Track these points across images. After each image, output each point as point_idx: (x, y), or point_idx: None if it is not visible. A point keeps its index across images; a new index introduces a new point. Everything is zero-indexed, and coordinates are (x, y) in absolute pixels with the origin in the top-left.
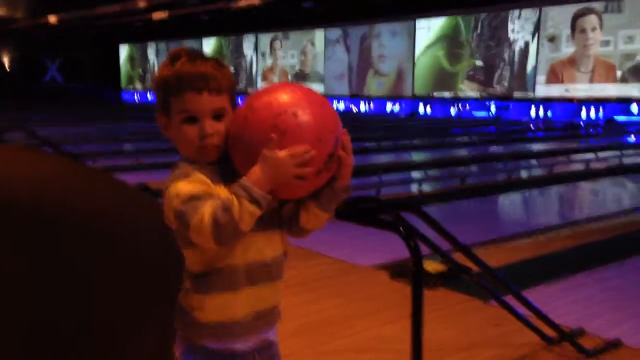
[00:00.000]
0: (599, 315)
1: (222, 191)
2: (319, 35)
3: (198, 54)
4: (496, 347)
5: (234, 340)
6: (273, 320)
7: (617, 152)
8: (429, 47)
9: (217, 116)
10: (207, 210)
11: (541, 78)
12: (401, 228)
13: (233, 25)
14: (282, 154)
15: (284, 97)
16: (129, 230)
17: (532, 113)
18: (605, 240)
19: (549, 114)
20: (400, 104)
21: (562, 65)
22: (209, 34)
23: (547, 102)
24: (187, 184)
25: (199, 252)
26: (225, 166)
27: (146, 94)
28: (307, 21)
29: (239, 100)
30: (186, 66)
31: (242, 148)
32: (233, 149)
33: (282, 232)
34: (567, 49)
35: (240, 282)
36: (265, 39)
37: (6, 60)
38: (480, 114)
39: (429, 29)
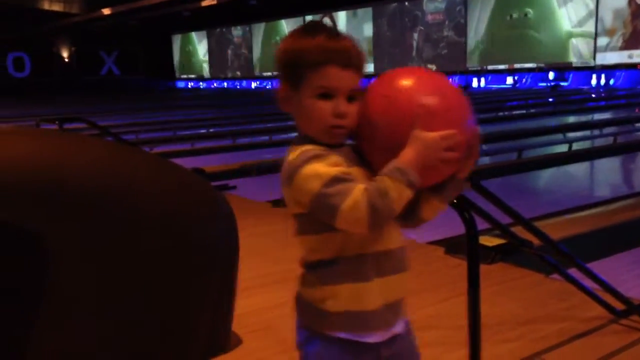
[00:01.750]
0: None
1: (357, 174)
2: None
3: (335, 29)
4: (561, 321)
5: (364, 331)
6: (401, 312)
7: None
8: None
9: (351, 97)
10: (359, 194)
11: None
12: (455, 199)
13: (279, 10)
14: (433, 135)
15: (428, 79)
16: (181, 213)
17: (593, 81)
18: None
19: (611, 81)
20: (452, 78)
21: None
22: (258, 19)
23: (608, 69)
24: (324, 166)
25: (327, 239)
26: (347, 150)
27: (198, 82)
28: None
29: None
30: (331, 40)
31: (384, 129)
32: (370, 131)
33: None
34: None
35: (369, 272)
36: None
37: (65, 55)
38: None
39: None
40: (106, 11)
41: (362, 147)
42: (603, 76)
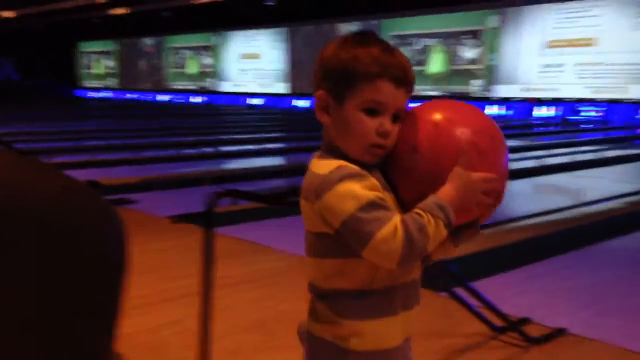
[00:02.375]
0: (548, 305)
1: (389, 202)
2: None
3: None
4: (445, 338)
5: None
6: (410, 348)
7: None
8: None
9: (396, 117)
10: (397, 224)
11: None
12: None
13: (191, 23)
14: (477, 175)
15: (481, 116)
16: (60, 222)
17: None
18: (561, 231)
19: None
20: None
21: None
22: (170, 31)
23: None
24: (362, 188)
25: (355, 265)
26: (378, 174)
27: (105, 92)
28: (270, 19)
29: None
30: (387, 53)
31: (427, 159)
32: (410, 157)
33: None
34: None
35: (398, 305)
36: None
37: None
38: None
39: None
40: (7, 14)
41: (394, 173)
42: (496, 107)
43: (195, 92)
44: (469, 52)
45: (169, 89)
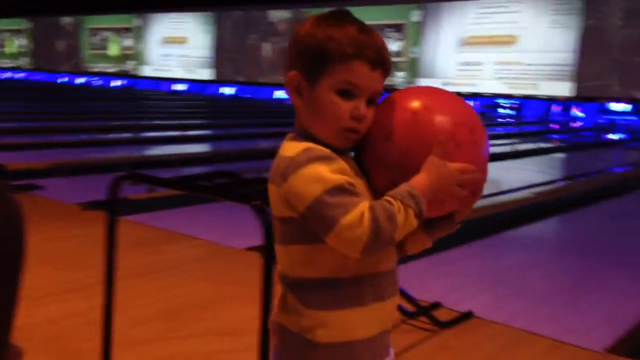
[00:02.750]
0: (458, 290)
1: (360, 188)
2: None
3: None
4: None
5: None
6: (389, 341)
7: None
8: None
9: (372, 100)
10: (364, 210)
11: None
12: (255, 202)
13: (117, 2)
14: (453, 166)
15: (464, 107)
16: None
17: None
18: (470, 220)
19: None
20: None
21: None
22: (88, 11)
23: None
24: (330, 171)
25: (321, 252)
26: (349, 159)
27: (16, 72)
28: (197, 2)
29: None
30: (364, 33)
31: (401, 146)
32: (385, 144)
33: None
34: None
35: (368, 295)
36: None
37: None
38: None
39: None
40: None
41: (366, 159)
42: None
43: (115, 76)
44: (393, 45)
45: (87, 72)
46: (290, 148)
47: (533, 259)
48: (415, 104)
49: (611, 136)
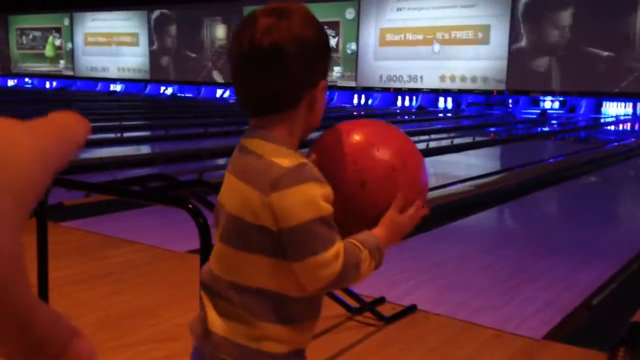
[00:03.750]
0: (400, 284)
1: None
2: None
3: None
4: None
5: None
6: None
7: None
8: None
9: None
10: (340, 253)
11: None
12: (190, 205)
13: (44, 1)
14: (409, 221)
15: (408, 142)
16: None
17: (355, 101)
18: None
19: (370, 101)
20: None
21: None
22: (15, 10)
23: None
24: (322, 197)
25: (288, 271)
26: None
27: None
28: (128, 0)
29: None
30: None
31: (374, 199)
32: (358, 190)
33: None
34: None
35: (317, 308)
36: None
37: None
38: None
39: None
40: None
41: (329, 171)
42: (363, 96)
43: (46, 77)
44: (331, 42)
45: (15, 73)
46: (281, 155)
47: (472, 251)
48: (395, 160)
49: None
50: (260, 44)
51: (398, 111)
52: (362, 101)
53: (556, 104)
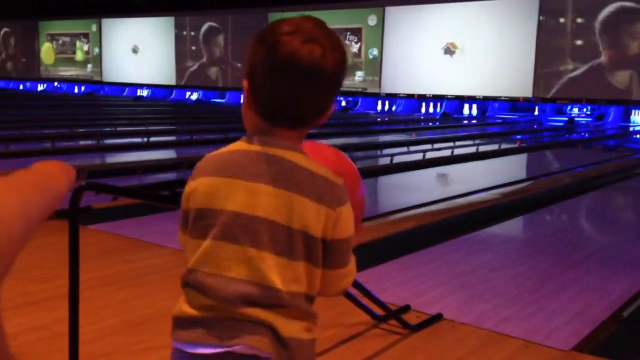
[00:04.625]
0: (427, 292)
1: None
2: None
3: None
4: (330, 328)
5: None
6: None
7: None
8: None
9: None
10: (354, 263)
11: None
12: None
13: (74, 7)
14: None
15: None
16: None
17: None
18: (437, 222)
19: (394, 107)
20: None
21: None
22: (45, 15)
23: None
24: None
25: (317, 276)
26: None
27: None
28: (155, 5)
29: None
30: None
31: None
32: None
33: None
34: None
35: None
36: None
37: None
38: None
39: None
40: None
41: None
42: (387, 102)
43: (75, 82)
44: (353, 48)
45: (45, 78)
46: (328, 172)
47: (499, 260)
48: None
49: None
50: (325, 63)
51: (422, 117)
52: (386, 107)
53: (584, 112)
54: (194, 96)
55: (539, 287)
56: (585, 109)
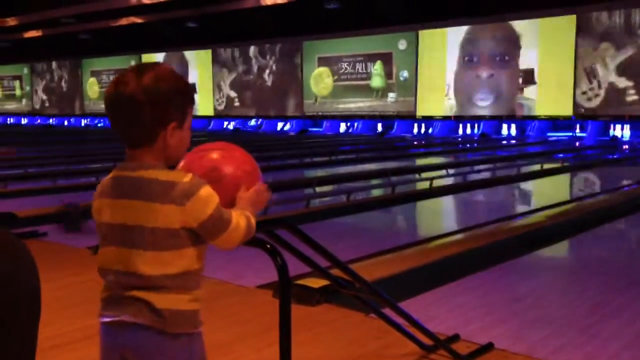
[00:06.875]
0: (475, 321)
1: None
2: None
3: None
4: (377, 359)
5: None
6: None
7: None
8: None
9: None
10: (240, 218)
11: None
12: (268, 245)
13: (115, 45)
14: (252, 193)
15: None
16: None
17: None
18: (482, 247)
19: (430, 130)
20: (290, 123)
21: None
22: (87, 53)
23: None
24: (214, 192)
25: (201, 251)
26: None
27: (20, 118)
28: (192, 40)
29: None
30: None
31: (229, 187)
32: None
33: None
34: None
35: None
36: (150, 59)
37: None
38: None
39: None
40: None
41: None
42: (424, 125)
43: None
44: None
45: (89, 113)
46: (174, 175)
47: (548, 285)
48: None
49: None
50: (122, 93)
51: (459, 139)
52: (422, 130)
53: (627, 130)
54: (231, 125)
55: (592, 313)
56: (627, 126)
